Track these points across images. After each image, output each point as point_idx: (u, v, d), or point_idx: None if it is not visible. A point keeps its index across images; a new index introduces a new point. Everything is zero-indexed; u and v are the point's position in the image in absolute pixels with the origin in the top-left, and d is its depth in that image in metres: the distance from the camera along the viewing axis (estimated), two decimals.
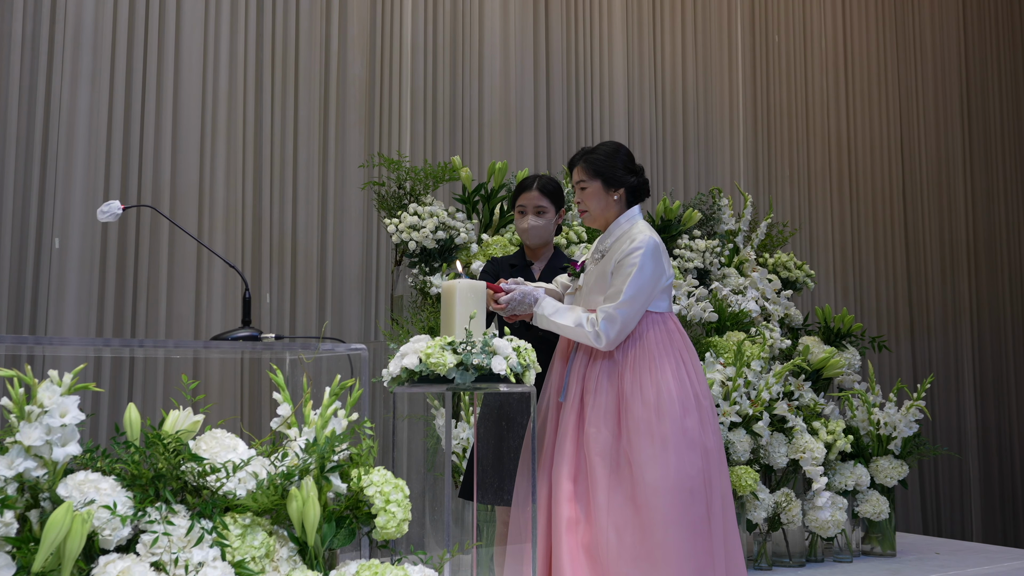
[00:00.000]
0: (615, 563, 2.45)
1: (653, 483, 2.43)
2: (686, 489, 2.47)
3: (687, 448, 2.50)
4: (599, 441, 2.53)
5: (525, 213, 3.17)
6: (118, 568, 1.71)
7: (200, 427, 2.05)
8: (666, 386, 2.54)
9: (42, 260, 4.29)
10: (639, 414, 2.50)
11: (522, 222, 3.17)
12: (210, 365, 4.53)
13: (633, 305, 2.58)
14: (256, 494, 1.93)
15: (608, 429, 2.54)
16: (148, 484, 1.84)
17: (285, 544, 1.98)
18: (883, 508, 4.61)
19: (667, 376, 2.56)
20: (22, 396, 1.76)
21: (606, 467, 2.50)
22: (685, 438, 2.51)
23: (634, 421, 2.50)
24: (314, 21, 5.09)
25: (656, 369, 2.56)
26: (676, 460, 2.47)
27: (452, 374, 2.36)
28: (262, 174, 4.86)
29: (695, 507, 2.49)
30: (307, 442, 1.98)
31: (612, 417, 2.55)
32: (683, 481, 2.47)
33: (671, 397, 2.53)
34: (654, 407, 2.51)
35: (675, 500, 2.45)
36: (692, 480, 2.49)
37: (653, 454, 2.46)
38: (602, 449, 2.52)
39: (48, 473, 1.75)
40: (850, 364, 4.95)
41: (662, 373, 2.56)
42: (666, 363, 2.58)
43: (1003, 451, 8.17)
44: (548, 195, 3.19)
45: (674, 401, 2.53)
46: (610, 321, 2.57)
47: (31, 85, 4.31)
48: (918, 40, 8.22)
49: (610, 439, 2.53)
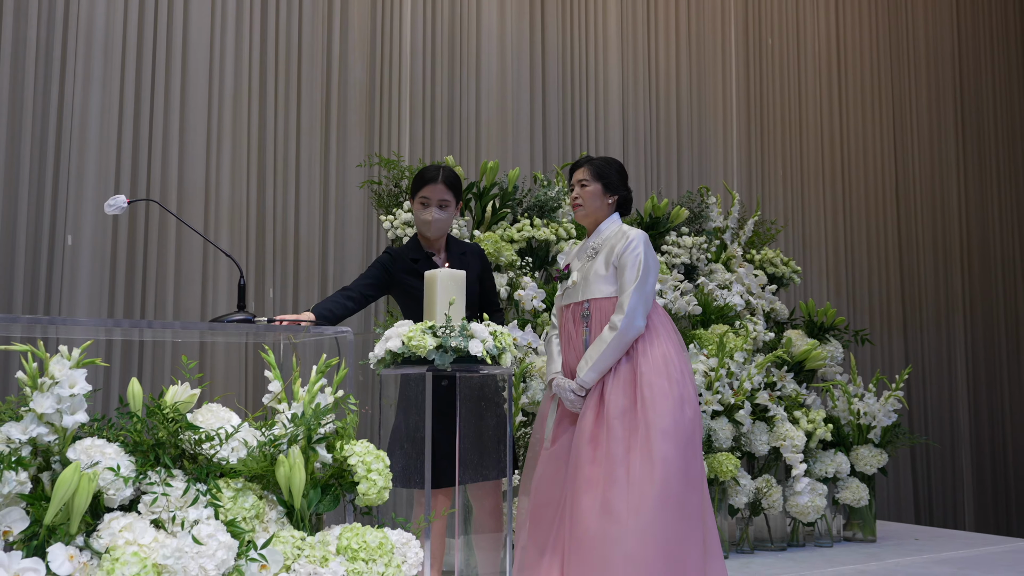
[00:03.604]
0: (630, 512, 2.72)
1: (667, 430, 2.79)
2: (691, 439, 2.86)
3: (689, 405, 2.88)
4: (617, 405, 2.87)
5: (428, 205, 3.20)
6: (121, 524, 1.91)
7: (199, 403, 2.24)
8: (671, 356, 2.93)
9: (55, 257, 4.49)
10: (652, 379, 2.87)
11: (425, 214, 3.21)
12: (215, 351, 4.73)
13: (644, 287, 2.95)
14: (247, 460, 2.12)
15: (626, 396, 2.88)
16: (149, 450, 2.03)
17: (274, 508, 2.17)
18: (863, 495, 4.77)
19: (670, 348, 2.96)
20: (35, 369, 1.96)
21: (623, 427, 2.83)
22: (688, 397, 2.90)
23: (648, 385, 2.86)
24: (316, 27, 5.29)
25: (661, 343, 2.95)
26: (684, 411, 2.85)
27: (432, 355, 2.55)
28: (266, 173, 5.06)
29: (696, 457, 2.87)
30: (294, 414, 2.17)
31: (629, 385, 2.90)
32: (690, 432, 2.85)
33: (676, 365, 2.92)
34: (664, 373, 2.88)
35: (684, 448, 2.80)
36: (694, 431, 2.89)
37: (666, 408, 2.82)
38: (619, 412, 2.86)
39: (58, 439, 1.94)
40: (832, 356, 5.11)
41: (666, 346, 2.95)
42: (666, 339, 2.98)
43: (995, 444, 8.30)
44: (451, 188, 3.25)
45: (678, 368, 2.92)
46: (633, 305, 2.91)
47: (45, 88, 4.52)
48: (911, 41, 8.36)
49: (627, 404, 2.87)
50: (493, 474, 3.03)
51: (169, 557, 1.86)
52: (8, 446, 1.88)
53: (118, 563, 1.81)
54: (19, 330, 2.35)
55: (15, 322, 2.41)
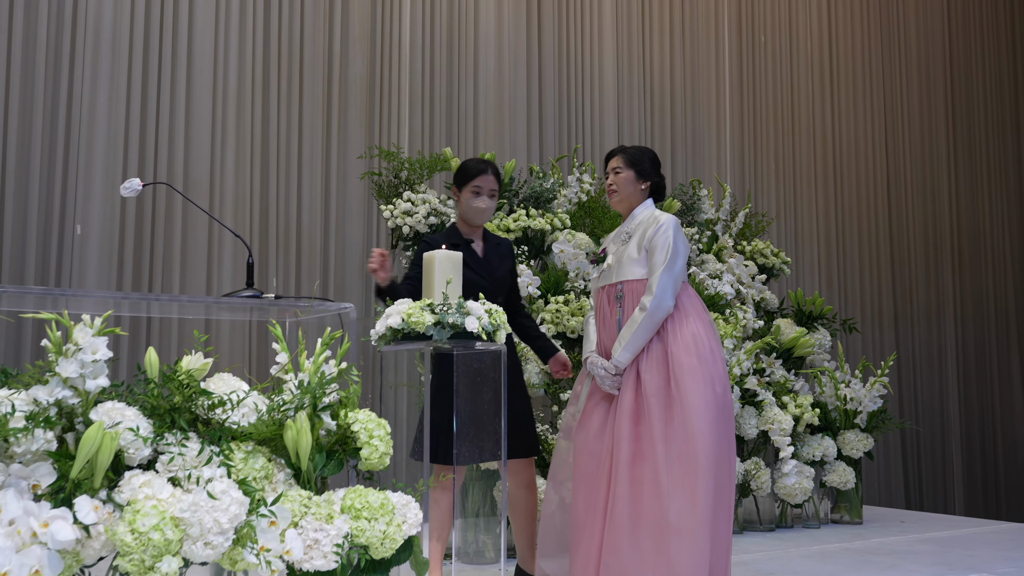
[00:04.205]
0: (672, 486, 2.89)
1: (698, 408, 2.93)
2: (721, 414, 3.00)
3: (719, 383, 3.03)
4: (653, 384, 3.02)
5: (480, 193, 3.39)
6: (141, 480, 2.04)
7: (210, 372, 2.37)
8: (700, 335, 3.07)
9: (64, 246, 4.63)
10: (682, 358, 3.01)
11: (478, 202, 3.38)
12: (220, 329, 4.88)
13: (673, 269, 3.09)
14: (257, 424, 2.25)
15: (660, 375, 3.03)
16: (165, 414, 2.16)
17: (283, 470, 2.31)
18: (849, 478, 4.91)
19: (699, 328, 3.09)
20: (60, 337, 2.09)
21: (660, 405, 3.00)
22: (718, 372, 3.05)
23: (678, 364, 3.00)
24: (318, 23, 5.43)
25: (690, 323, 3.09)
26: (714, 388, 2.99)
27: (430, 331, 2.68)
28: (269, 165, 5.20)
29: (728, 433, 3.03)
30: (301, 381, 2.31)
31: (662, 364, 3.04)
32: (719, 408, 3.00)
33: (705, 344, 3.06)
34: (695, 353, 3.02)
35: (715, 423, 2.96)
36: (724, 407, 3.03)
37: (697, 386, 2.96)
38: (656, 391, 3.01)
39: (81, 401, 2.07)
40: (820, 344, 5.25)
41: (695, 326, 3.08)
42: (696, 319, 3.11)
43: (985, 435, 8.45)
44: (498, 179, 3.45)
45: (707, 347, 3.06)
46: (662, 286, 3.06)
47: (55, 84, 4.66)
48: (903, 39, 8.51)
49: (661, 383, 3.02)
50: (523, 451, 3.28)
51: (186, 510, 2.00)
52: (36, 407, 2.01)
53: (139, 515, 1.94)
54: (31, 303, 2.48)
55: (27, 293, 2.55)
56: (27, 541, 1.87)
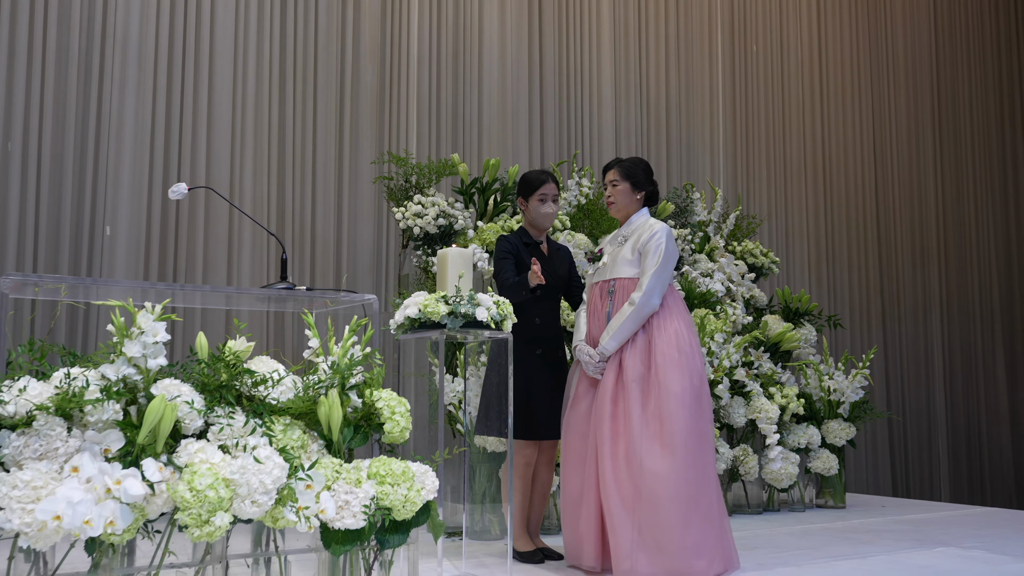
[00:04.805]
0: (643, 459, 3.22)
1: (676, 394, 3.26)
2: (696, 401, 3.32)
3: (696, 375, 3.36)
4: (635, 371, 3.36)
5: (546, 200, 3.77)
6: (195, 447, 2.34)
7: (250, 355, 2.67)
8: (682, 332, 3.42)
9: (95, 246, 4.93)
10: (664, 350, 3.35)
11: (547, 207, 3.78)
12: (239, 319, 5.18)
13: (663, 272, 3.44)
14: (294, 400, 2.56)
15: (642, 363, 3.37)
16: (215, 390, 2.47)
17: (316, 441, 2.61)
18: (833, 464, 5.21)
19: (681, 326, 3.44)
20: (123, 323, 2.40)
21: (639, 390, 3.33)
22: (695, 366, 3.38)
23: (661, 355, 3.35)
24: (331, 36, 5.74)
25: (674, 320, 3.44)
26: (691, 379, 3.32)
27: (444, 320, 2.99)
28: (285, 171, 5.51)
29: (703, 418, 3.34)
30: (332, 363, 2.62)
31: (646, 354, 3.39)
32: (695, 395, 3.32)
33: (686, 339, 3.41)
34: (676, 346, 3.36)
35: (691, 408, 3.27)
36: (699, 395, 3.35)
37: (676, 376, 3.30)
38: (637, 377, 3.35)
39: (143, 378, 2.38)
40: (806, 339, 5.56)
41: (678, 324, 3.44)
42: (679, 318, 3.47)
43: (971, 430, 8.75)
44: (558, 185, 3.85)
45: (687, 342, 3.41)
46: (651, 286, 3.40)
47: (85, 94, 4.97)
48: (890, 47, 8.82)
49: (643, 370, 3.36)
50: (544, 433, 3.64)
51: (236, 472, 2.30)
52: (105, 383, 2.32)
53: (196, 475, 2.24)
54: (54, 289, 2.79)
55: (62, 282, 2.85)
56: (102, 496, 2.17)
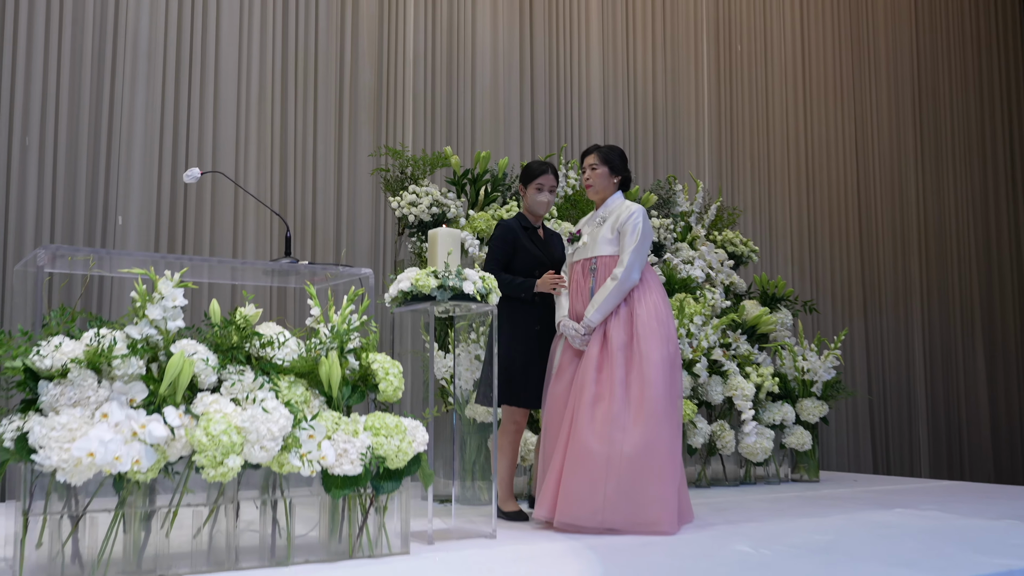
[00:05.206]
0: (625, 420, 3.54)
1: (656, 362, 3.59)
2: (673, 367, 3.67)
3: (672, 343, 3.70)
4: (619, 339, 3.68)
5: (542, 190, 4.05)
6: (210, 399, 2.63)
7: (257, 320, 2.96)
8: (659, 304, 3.75)
9: (108, 235, 5.22)
10: (646, 320, 3.69)
11: (542, 196, 4.05)
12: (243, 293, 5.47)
13: (641, 249, 3.76)
14: (297, 361, 2.84)
15: (625, 332, 3.70)
16: (228, 350, 2.76)
17: (317, 398, 2.90)
18: (806, 440, 5.49)
19: (658, 299, 3.78)
20: (144, 289, 2.69)
21: (623, 357, 3.65)
22: (671, 333, 3.72)
23: (643, 325, 3.68)
24: (331, 37, 6.04)
25: (652, 294, 3.78)
26: (668, 347, 3.66)
27: (434, 293, 3.27)
28: (287, 165, 5.81)
29: (677, 383, 3.68)
30: (332, 326, 2.90)
31: (628, 324, 3.72)
32: (672, 362, 3.67)
33: (663, 310, 3.75)
34: (655, 315, 3.70)
35: (667, 374, 3.61)
36: (675, 361, 3.70)
37: (656, 344, 3.63)
38: (621, 345, 3.67)
39: (164, 339, 2.67)
40: (782, 323, 5.85)
41: (655, 296, 3.78)
42: (656, 291, 3.80)
43: (951, 420, 9.04)
44: (556, 177, 4.13)
45: (664, 313, 3.75)
46: (631, 261, 3.72)
47: (98, 90, 5.26)
48: (872, 46, 9.12)
49: (626, 339, 3.69)
50: None
51: (246, 420, 2.59)
52: (130, 341, 2.60)
53: (211, 422, 2.53)
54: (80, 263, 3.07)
55: (77, 252, 3.13)
56: (128, 438, 2.45)
